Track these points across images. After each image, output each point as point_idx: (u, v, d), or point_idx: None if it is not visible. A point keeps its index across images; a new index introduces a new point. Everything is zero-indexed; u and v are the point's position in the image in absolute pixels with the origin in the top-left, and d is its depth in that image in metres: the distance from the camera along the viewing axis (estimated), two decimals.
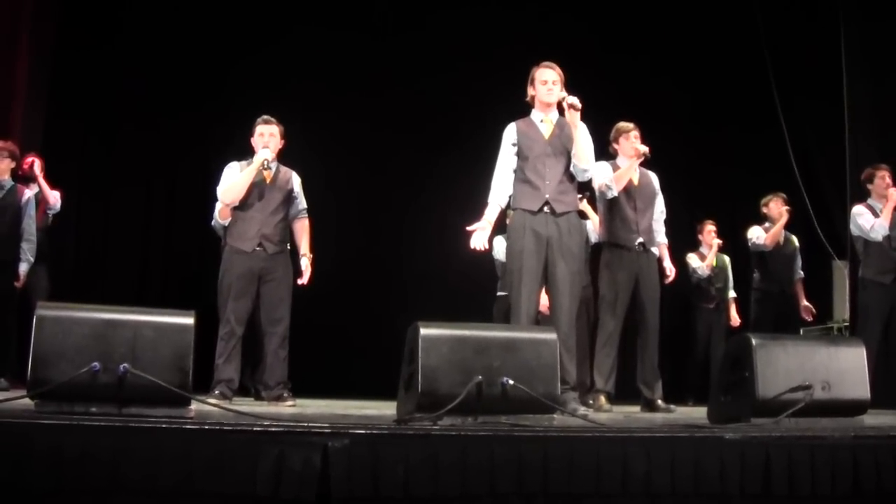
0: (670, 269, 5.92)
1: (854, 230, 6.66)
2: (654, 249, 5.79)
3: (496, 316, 6.84)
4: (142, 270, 9.09)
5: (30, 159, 7.01)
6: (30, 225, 6.63)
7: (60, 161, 7.75)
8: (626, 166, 5.67)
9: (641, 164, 5.79)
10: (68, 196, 7.44)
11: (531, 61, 5.01)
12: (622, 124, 5.87)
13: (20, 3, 7.82)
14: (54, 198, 7.08)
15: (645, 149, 5.67)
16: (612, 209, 5.70)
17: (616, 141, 5.84)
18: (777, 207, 7.38)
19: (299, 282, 5.63)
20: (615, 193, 5.64)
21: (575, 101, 4.79)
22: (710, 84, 9.49)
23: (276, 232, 5.51)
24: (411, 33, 9.13)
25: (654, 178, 5.90)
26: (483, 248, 4.92)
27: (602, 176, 5.56)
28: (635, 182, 5.74)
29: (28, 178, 6.96)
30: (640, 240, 5.66)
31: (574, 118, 4.81)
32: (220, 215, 5.90)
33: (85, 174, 8.79)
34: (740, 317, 8.13)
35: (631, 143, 5.75)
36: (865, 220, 6.53)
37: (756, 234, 7.38)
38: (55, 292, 7.09)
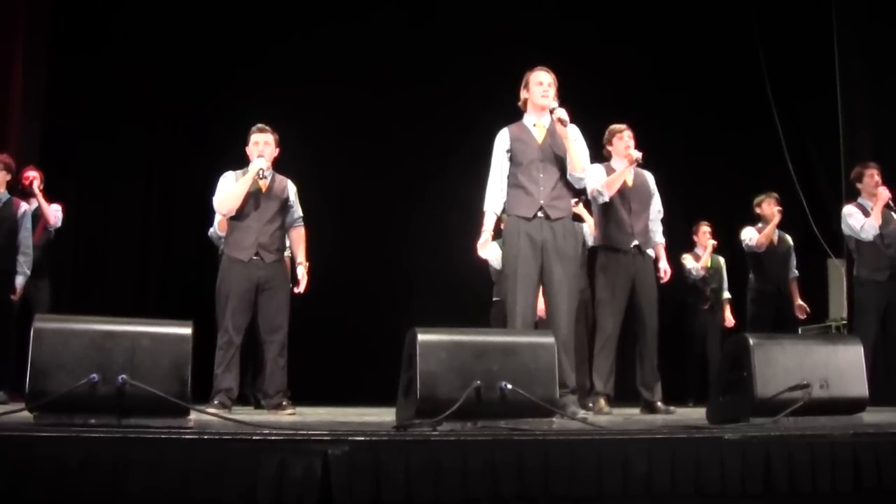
0: (665, 270, 5.84)
1: (845, 230, 6.65)
2: (650, 251, 5.77)
3: (493, 322, 6.82)
4: (140, 279, 9.08)
5: (30, 174, 6.98)
6: (26, 238, 6.60)
7: (58, 169, 7.74)
8: (618, 170, 5.66)
9: (637, 165, 5.77)
10: (66, 204, 7.42)
11: (529, 62, 5.04)
12: (614, 126, 5.86)
13: (14, 12, 7.82)
14: (55, 217, 7.05)
15: (638, 154, 5.66)
16: (606, 212, 5.69)
17: (609, 143, 5.84)
18: (769, 207, 7.38)
19: (295, 290, 5.63)
20: (606, 199, 5.62)
21: (562, 113, 4.80)
22: (704, 83, 9.51)
23: (272, 241, 5.50)
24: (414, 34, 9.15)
25: (649, 178, 5.88)
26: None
27: (594, 181, 5.54)
28: (630, 184, 5.73)
29: (27, 194, 6.94)
30: (636, 242, 5.64)
31: (564, 131, 4.82)
32: (220, 227, 5.89)
33: (83, 182, 8.78)
34: (735, 317, 8.13)
35: (624, 143, 5.74)
36: (856, 221, 6.52)
37: (749, 236, 7.38)
38: (53, 302, 7.07)
